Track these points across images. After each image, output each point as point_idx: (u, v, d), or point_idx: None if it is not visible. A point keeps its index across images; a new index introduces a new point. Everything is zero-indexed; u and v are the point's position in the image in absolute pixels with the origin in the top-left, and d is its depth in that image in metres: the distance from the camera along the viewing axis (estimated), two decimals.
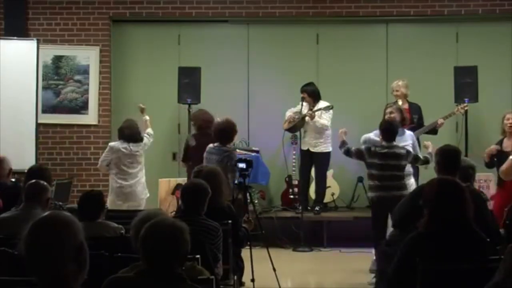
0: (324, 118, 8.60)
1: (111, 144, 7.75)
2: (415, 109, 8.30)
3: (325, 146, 8.72)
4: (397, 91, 8.35)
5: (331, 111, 8.57)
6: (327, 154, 8.77)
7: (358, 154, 6.56)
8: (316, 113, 8.54)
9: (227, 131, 6.76)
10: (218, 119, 7.12)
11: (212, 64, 9.28)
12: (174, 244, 2.75)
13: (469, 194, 3.71)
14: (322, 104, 8.60)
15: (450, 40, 9.39)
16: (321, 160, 8.78)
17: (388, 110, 7.22)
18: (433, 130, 8.15)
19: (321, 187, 8.86)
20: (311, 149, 8.70)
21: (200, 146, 7.09)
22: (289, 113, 8.70)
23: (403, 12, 9.27)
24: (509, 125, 7.05)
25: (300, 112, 8.59)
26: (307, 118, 8.55)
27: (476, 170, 5.56)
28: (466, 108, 8.28)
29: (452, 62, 9.03)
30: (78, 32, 9.31)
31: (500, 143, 7.18)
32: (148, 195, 7.79)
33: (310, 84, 8.72)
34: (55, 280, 2.15)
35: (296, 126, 8.57)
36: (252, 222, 5.82)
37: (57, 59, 9.30)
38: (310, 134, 8.68)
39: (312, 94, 8.65)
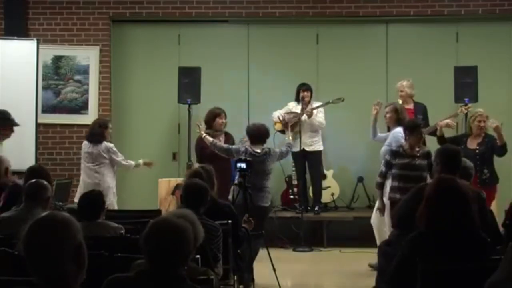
0: (320, 117, 8.63)
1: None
2: (419, 109, 8.26)
3: (319, 144, 8.78)
4: (401, 91, 8.33)
5: (322, 109, 8.59)
6: (321, 153, 8.84)
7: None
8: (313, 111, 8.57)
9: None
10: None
11: (212, 64, 9.27)
12: (177, 244, 2.74)
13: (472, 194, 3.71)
14: (315, 104, 8.62)
15: (450, 40, 9.39)
16: (316, 159, 8.81)
17: (386, 109, 7.40)
18: (434, 133, 8.02)
19: (319, 186, 8.88)
20: (307, 149, 8.69)
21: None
22: (276, 113, 8.67)
23: (403, 12, 9.27)
24: (481, 126, 7.36)
25: (302, 111, 8.58)
26: (304, 117, 8.53)
27: None
28: (470, 109, 8.17)
29: (452, 62, 9.03)
30: (78, 32, 9.31)
31: (466, 137, 7.45)
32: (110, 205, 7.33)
33: (307, 84, 8.72)
34: (55, 280, 2.15)
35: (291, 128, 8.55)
36: (252, 222, 5.83)
37: (57, 59, 9.30)
38: (305, 133, 8.66)
39: (311, 93, 8.68)
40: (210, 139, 7.15)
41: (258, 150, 6.73)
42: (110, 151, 7.54)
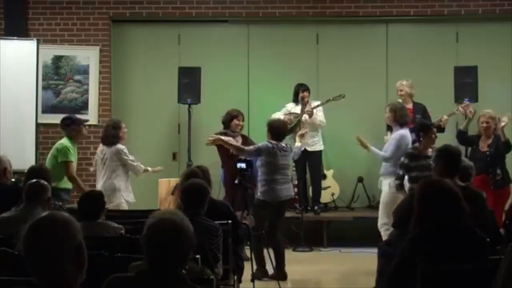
0: (320, 115, 8.63)
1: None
2: (418, 109, 8.25)
3: (319, 144, 8.79)
4: (401, 90, 8.34)
5: (321, 108, 8.58)
6: (321, 153, 8.85)
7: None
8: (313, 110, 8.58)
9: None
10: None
11: (212, 64, 9.27)
12: (177, 244, 2.73)
13: (468, 193, 3.72)
14: (314, 103, 8.62)
15: (450, 40, 9.39)
16: (316, 159, 8.83)
17: (387, 109, 7.37)
18: (439, 128, 7.96)
19: (318, 186, 8.90)
20: (307, 148, 8.67)
21: None
22: (276, 116, 8.65)
23: (403, 12, 9.27)
24: (484, 126, 7.37)
25: (302, 111, 8.57)
26: (304, 117, 8.53)
27: None
28: (467, 107, 8.08)
29: (452, 62, 9.03)
30: (78, 32, 9.31)
31: (478, 138, 7.45)
32: (117, 205, 7.31)
33: (305, 84, 8.71)
34: (55, 280, 2.15)
35: (293, 128, 8.54)
36: (253, 219, 5.83)
37: (57, 59, 9.30)
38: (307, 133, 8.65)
39: (309, 93, 8.67)
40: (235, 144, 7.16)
41: (284, 145, 6.85)
42: (121, 153, 7.35)
